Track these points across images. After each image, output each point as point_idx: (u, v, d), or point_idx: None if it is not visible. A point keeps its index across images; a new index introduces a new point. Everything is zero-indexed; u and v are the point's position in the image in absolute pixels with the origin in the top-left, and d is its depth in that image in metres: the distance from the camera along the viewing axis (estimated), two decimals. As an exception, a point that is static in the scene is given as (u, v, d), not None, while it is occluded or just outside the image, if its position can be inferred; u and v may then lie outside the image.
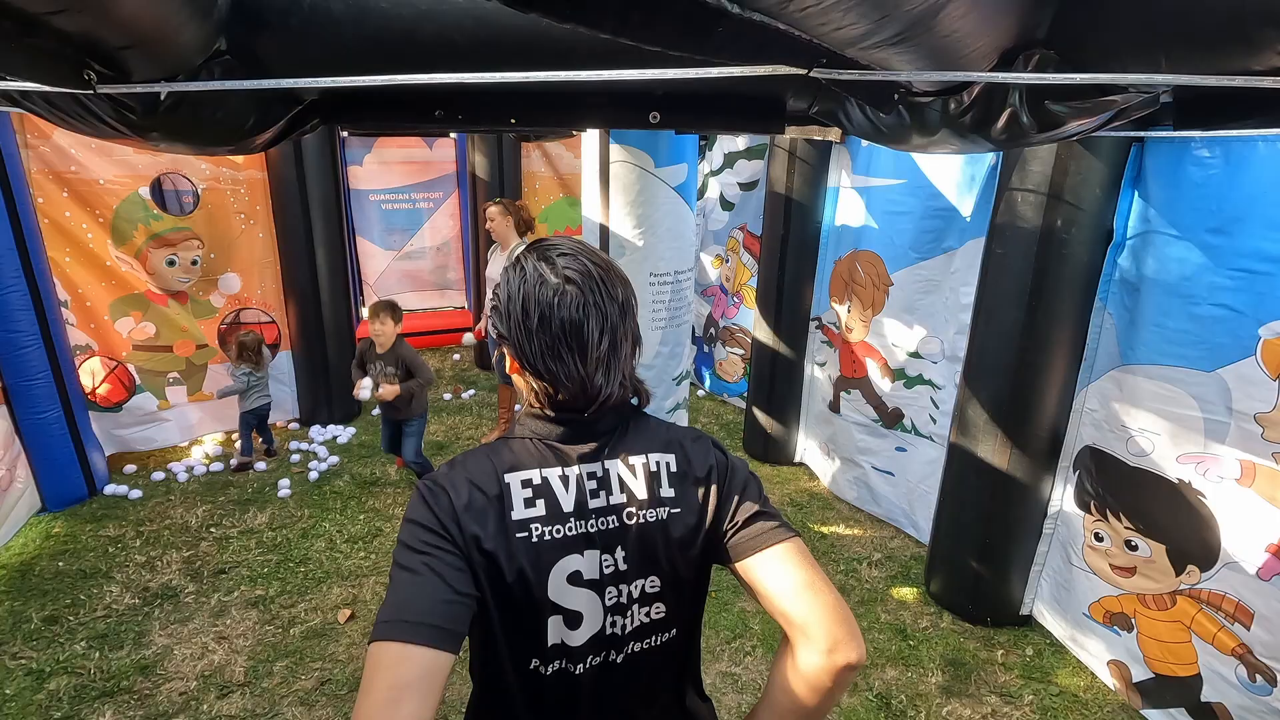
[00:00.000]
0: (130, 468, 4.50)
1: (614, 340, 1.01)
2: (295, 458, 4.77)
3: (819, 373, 4.55)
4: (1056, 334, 2.79)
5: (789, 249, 4.43)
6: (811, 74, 1.22)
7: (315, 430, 5.11)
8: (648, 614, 1.03)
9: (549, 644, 0.98)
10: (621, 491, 1.01)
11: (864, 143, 3.85)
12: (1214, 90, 1.15)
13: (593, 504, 0.99)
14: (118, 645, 2.97)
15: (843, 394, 4.27)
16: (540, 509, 0.97)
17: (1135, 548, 2.68)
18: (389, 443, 4.24)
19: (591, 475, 1.01)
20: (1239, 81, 1.03)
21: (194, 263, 4.61)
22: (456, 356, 7.00)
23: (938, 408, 3.64)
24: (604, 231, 2.94)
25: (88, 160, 4.09)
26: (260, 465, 4.62)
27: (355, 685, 2.79)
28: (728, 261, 5.73)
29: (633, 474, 1.02)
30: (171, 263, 4.52)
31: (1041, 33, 1.16)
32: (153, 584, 3.38)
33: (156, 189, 4.41)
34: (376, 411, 5.64)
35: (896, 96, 1.60)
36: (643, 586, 1.02)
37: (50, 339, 3.80)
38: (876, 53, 1.01)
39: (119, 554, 3.61)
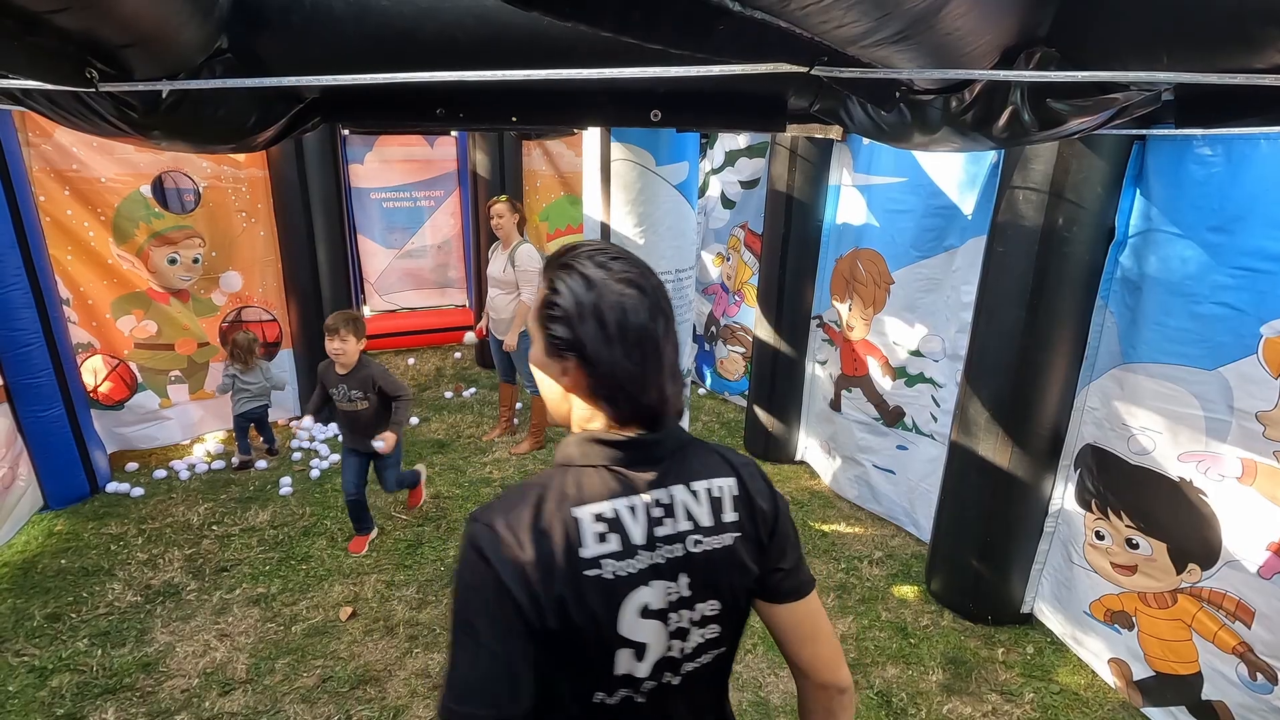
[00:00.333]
0: (132, 466, 4.50)
1: (675, 346, 0.98)
2: (297, 456, 4.77)
3: (820, 371, 4.55)
4: (1058, 332, 2.79)
5: (790, 247, 4.42)
6: (813, 72, 1.22)
7: (316, 429, 5.11)
8: (704, 635, 1.01)
9: (616, 675, 0.95)
10: (687, 519, 0.97)
11: (865, 141, 3.85)
12: (1215, 88, 1.15)
13: (659, 532, 0.95)
14: (120, 643, 2.98)
15: (844, 392, 4.27)
16: (614, 544, 0.92)
17: (1136, 546, 2.68)
18: (356, 480, 3.52)
19: (658, 503, 0.96)
20: (1240, 79, 1.02)
21: (195, 261, 4.62)
22: (458, 355, 7.00)
23: (939, 406, 3.64)
24: (605, 230, 2.94)
25: (89, 158, 4.10)
26: (261, 464, 4.63)
27: (357, 682, 2.79)
28: (729, 260, 5.72)
29: (696, 500, 0.98)
30: (173, 261, 4.53)
31: (1043, 31, 1.16)
32: (155, 581, 3.39)
33: (158, 187, 4.41)
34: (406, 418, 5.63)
35: (898, 94, 1.60)
36: (703, 611, 0.99)
37: (52, 337, 3.81)
38: (878, 51, 1.01)
39: (121, 552, 3.62)
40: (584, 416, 0.98)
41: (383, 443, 3.31)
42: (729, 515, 1.00)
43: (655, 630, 0.95)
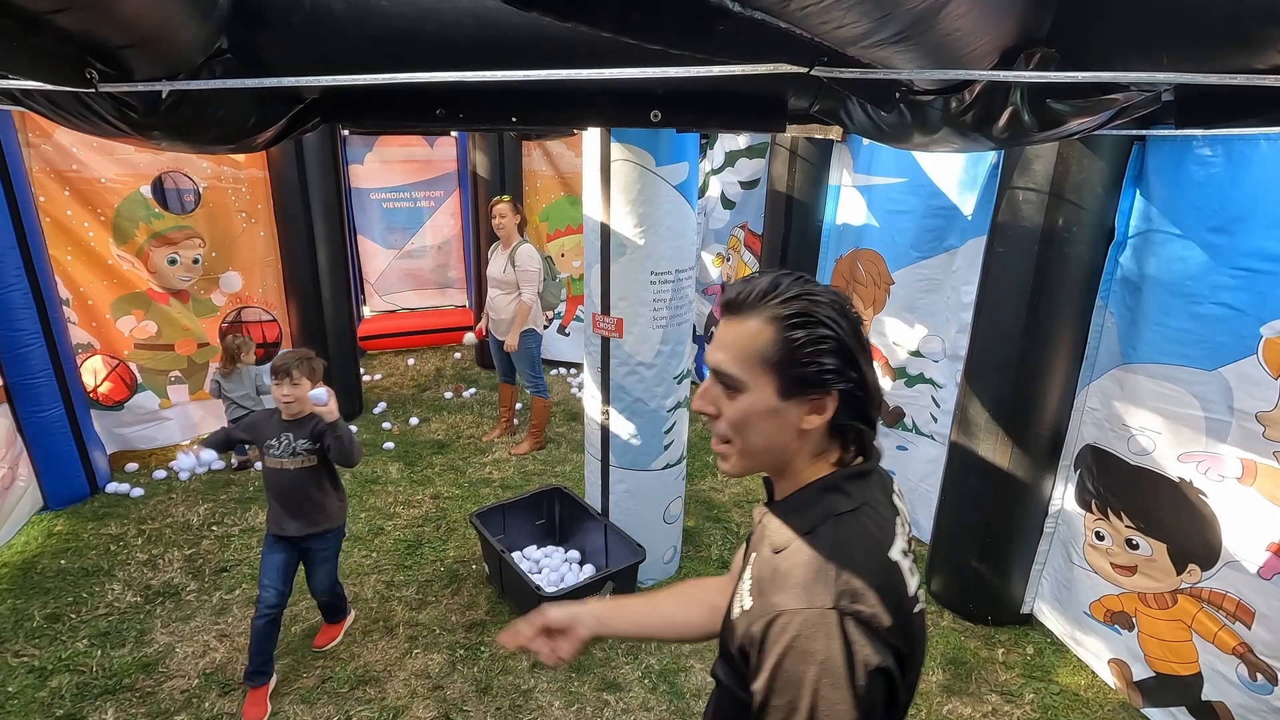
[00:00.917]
0: (132, 466, 4.50)
1: None
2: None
3: (820, 371, 4.54)
4: (1058, 333, 2.79)
5: (790, 247, 4.43)
6: (813, 72, 1.22)
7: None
8: None
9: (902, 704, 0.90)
10: (904, 530, 0.96)
11: (865, 141, 3.85)
12: (1215, 89, 1.15)
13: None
14: (120, 643, 2.97)
15: (844, 393, 4.27)
16: (916, 575, 0.90)
17: (1136, 546, 2.67)
18: (280, 583, 2.68)
19: (901, 520, 0.95)
20: (1240, 80, 1.02)
21: (195, 261, 4.61)
22: (458, 355, 7.00)
23: (939, 406, 3.64)
24: (605, 230, 2.94)
25: (89, 159, 4.09)
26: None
27: (356, 683, 2.79)
28: (729, 260, 5.72)
29: (899, 513, 0.97)
30: (173, 261, 4.52)
31: (1043, 31, 1.16)
32: (154, 582, 3.38)
33: (158, 187, 4.41)
34: (350, 430, 5.61)
35: (898, 95, 1.60)
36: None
37: (52, 337, 3.81)
38: (878, 51, 1.01)
39: (121, 552, 3.62)
40: (812, 456, 0.93)
41: (325, 394, 2.61)
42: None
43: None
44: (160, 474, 4.43)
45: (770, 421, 0.89)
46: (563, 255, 6.46)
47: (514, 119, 2.22)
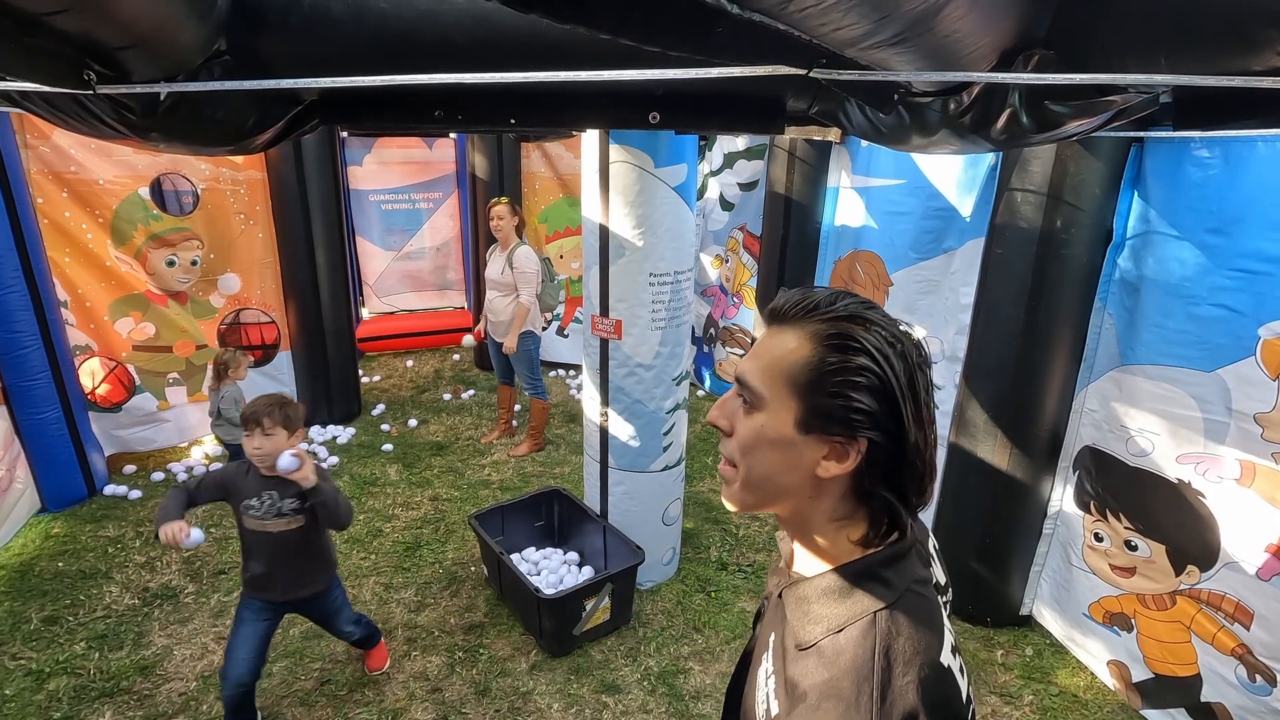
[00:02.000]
0: (130, 468, 4.49)
1: None
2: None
3: (819, 373, 4.54)
4: (1056, 334, 2.79)
5: (789, 249, 4.43)
6: (811, 74, 1.22)
7: (315, 431, 5.10)
8: None
9: None
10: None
11: (864, 143, 3.86)
12: (1213, 90, 1.15)
13: None
14: (117, 646, 2.97)
15: (842, 394, 4.27)
16: (965, 675, 0.76)
17: (1135, 548, 2.68)
18: (252, 656, 2.34)
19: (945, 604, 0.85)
20: (1238, 82, 1.03)
21: (194, 263, 4.61)
22: (456, 357, 7.00)
23: (937, 408, 3.63)
24: (603, 232, 2.94)
25: (87, 160, 4.09)
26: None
27: (355, 686, 2.79)
28: (727, 262, 5.73)
29: None
30: (171, 263, 4.52)
31: (1041, 33, 1.16)
32: (152, 584, 3.38)
33: (156, 189, 4.40)
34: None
35: (896, 97, 1.60)
36: None
37: (50, 339, 3.80)
38: (876, 53, 1.01)
39: (118, 554, 3.61)
40: (832, 520, 0.77)
41: (294, 462, 2.19)
42: None
43: None
44: (158, 476, 4.42)
45: (779, 453, 0.75)
46: (561, 257, 6.46)
47: (513, 121, 2.22)
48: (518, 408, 5.34)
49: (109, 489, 4.20)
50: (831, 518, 0.77)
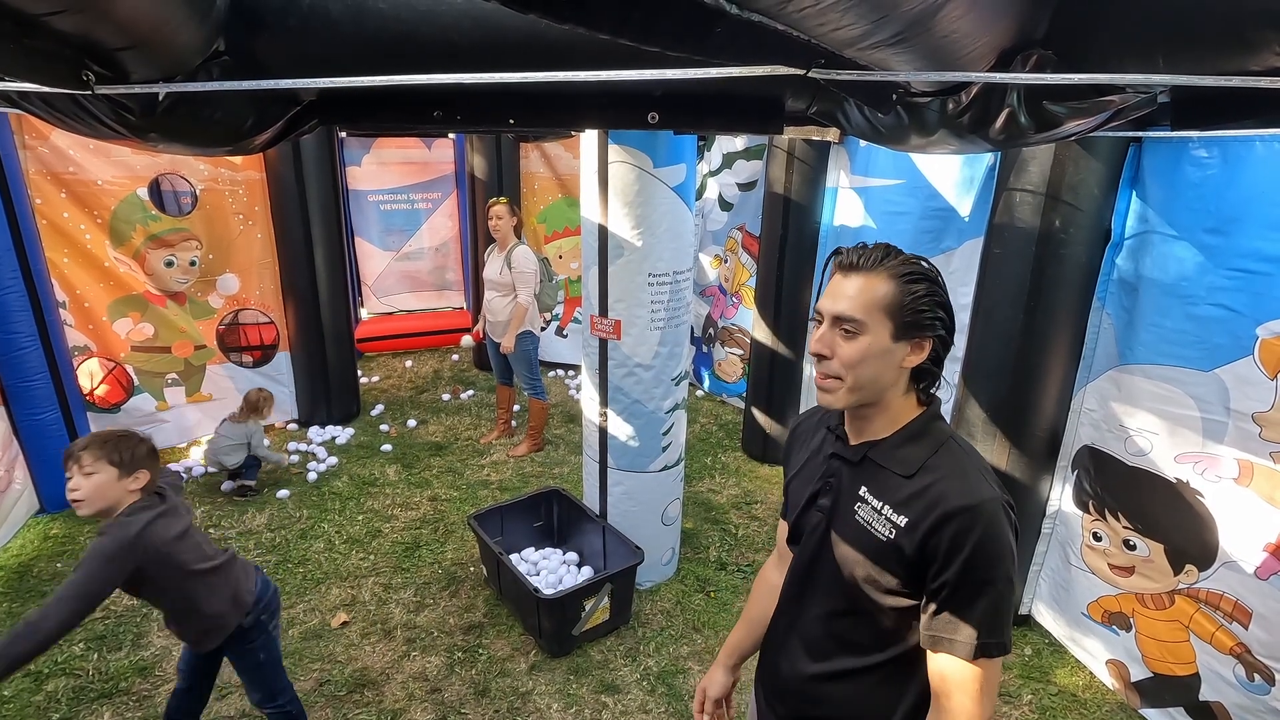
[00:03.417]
0: (128, 469, 4.48)
1: None
2: (294, 458, 4.76)
3: (818, 373, 4.55)
4: (1055, 334, 2.80)
5: (788, 249, 4.43)
6: (810, 74, 1.22)
7: (314, 431, 5.10)
8: None
9: None
10: None
11: (862, 143, 3.86)
12: (1211, 90, 1.15)
13: None
14: (116, 647, 2.96)
15: (841, 394, 4.27)
16: None
17: (1133, 547, 2.68)
18: (188, 664, 2.14)
19: None
20: (1236, 82, 1.03)
21: (192, 263, 4.61)
22: (455, 357, 7.00)
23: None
24: (602, 232, 2.94)
25: (86, 161, 4.09)
26: (250, 482, 4.32)
27: (354, 686, 2.79)
28: (726, 262, 5.73)
29: None
30: (170, 263, 4.52)
31: (1039, 33, 1.17)
32: (151, 585, 3.37)
33: (155, 190, 4.40)
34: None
35: (895, 97, 1.60)
36: None
37: (48, 340, 3.80)
38: (875, 53, 1.01)
39: (117, 555, 3.60)
40: (903, 392, 1.16)
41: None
42: None
43: None
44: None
45: (881, 360, 1.09)
46: (560, 257, 6.46)
47: (512, 121, 2.22)
48: (517, 408, 5.34)
49: (108, 490, 4.19)
50: (902, 393, 1.15)
